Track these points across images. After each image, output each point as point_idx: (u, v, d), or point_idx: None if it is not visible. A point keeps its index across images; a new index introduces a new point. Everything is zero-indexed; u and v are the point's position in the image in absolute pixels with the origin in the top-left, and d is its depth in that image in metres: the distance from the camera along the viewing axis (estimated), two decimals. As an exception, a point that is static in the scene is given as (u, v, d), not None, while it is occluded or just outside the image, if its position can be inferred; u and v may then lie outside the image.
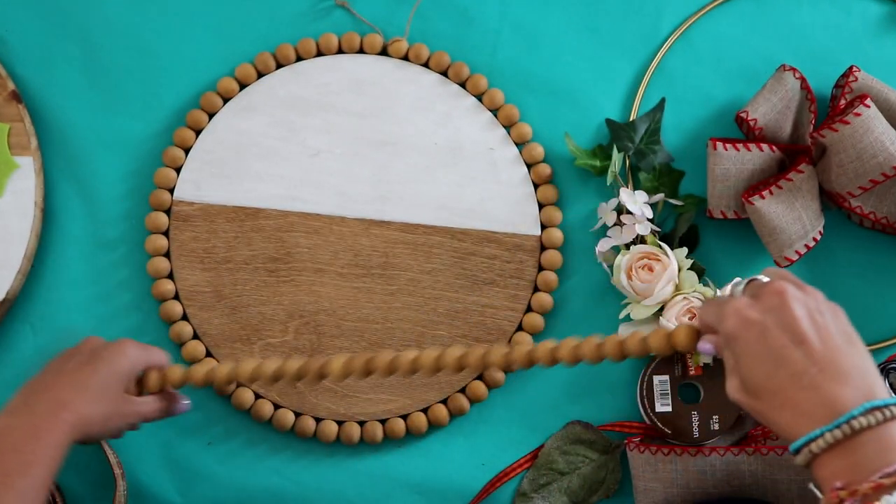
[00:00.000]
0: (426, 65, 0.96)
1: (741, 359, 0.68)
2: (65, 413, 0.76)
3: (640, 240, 0.91)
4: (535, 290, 0.94)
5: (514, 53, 0.97)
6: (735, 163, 0.89)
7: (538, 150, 0.95)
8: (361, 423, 0.92)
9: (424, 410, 0.92)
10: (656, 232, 0.92)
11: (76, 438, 0.76)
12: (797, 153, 0.91)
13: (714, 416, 0.90)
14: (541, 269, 0.94)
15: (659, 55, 0.96)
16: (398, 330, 0.93)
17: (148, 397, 0.83)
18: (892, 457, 0.62)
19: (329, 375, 0.80)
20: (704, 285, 0.90)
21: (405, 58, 0.96)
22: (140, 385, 0.83)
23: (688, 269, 0.90)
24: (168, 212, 0.94)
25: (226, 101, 0.95)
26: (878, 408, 0.64)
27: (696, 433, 0.90)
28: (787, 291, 0.69)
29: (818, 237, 0.90)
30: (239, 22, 0.96)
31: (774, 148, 0.90)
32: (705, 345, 0.73)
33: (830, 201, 0.92)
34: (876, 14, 0.98)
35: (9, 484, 0.71)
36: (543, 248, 0.94)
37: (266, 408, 0.92)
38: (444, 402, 0.93)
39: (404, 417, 0.92)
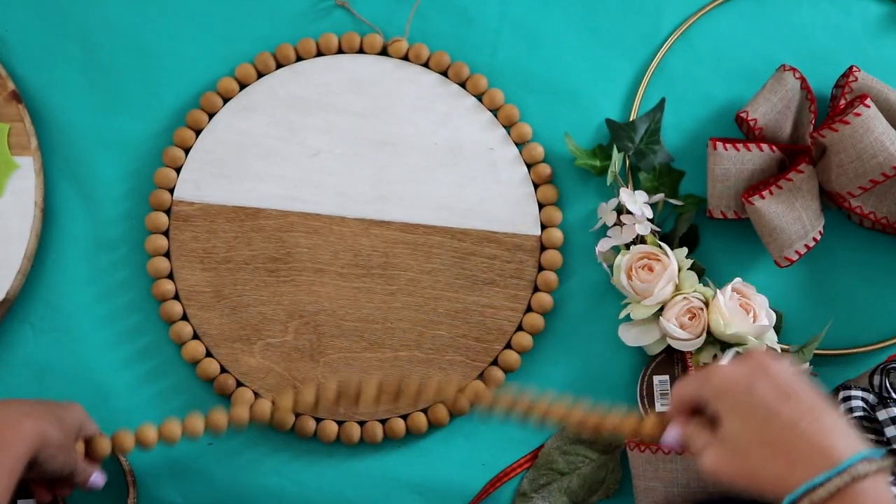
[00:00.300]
0: (426, 65, 0.96)
1: (729, 415, 0.69)
2: (27, 420, 0.73)
3: (640, 240, 0.91)
4: (535, 290, 0.94)
5: (514, 53, 0.96)
6: (735, 163, 0.89)
7: (538, 150, 0.95)
8: (361, 423, 0.92)
9: (424, 410, 0.92)
10: (656, 232, 0.92)
11: (32, 452, 0.73)
12: (797, 153, 0.91)
13: (714, 416, 0.90)
14: (541, 269, 0.94)
15: (659, 55, 0.96)
16: (398, 330, 0.93)
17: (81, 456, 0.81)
18: None
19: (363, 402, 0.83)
20: (704, 285, 0.90)
21: (405, 58, 0.96)
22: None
23: (688, 269, 0.90)
24: (168, 212, 0.94)
25: (226, 101, 0.95)
26: (870, 458, 0.65)
27: (696, 433, 0.90)
28: (767, 356, 0.72)
29: (818, 237, 0.90)
30: (239, 22, 0.96)
31: (774, 148, 0.90)
32: (673, 431, 0.74)
33: (830, 201, 0.92)
34: (876, 14, 0.98)
35: None
36: (543, 248, 0.94)
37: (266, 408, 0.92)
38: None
39: (404, 417, 0.92)
